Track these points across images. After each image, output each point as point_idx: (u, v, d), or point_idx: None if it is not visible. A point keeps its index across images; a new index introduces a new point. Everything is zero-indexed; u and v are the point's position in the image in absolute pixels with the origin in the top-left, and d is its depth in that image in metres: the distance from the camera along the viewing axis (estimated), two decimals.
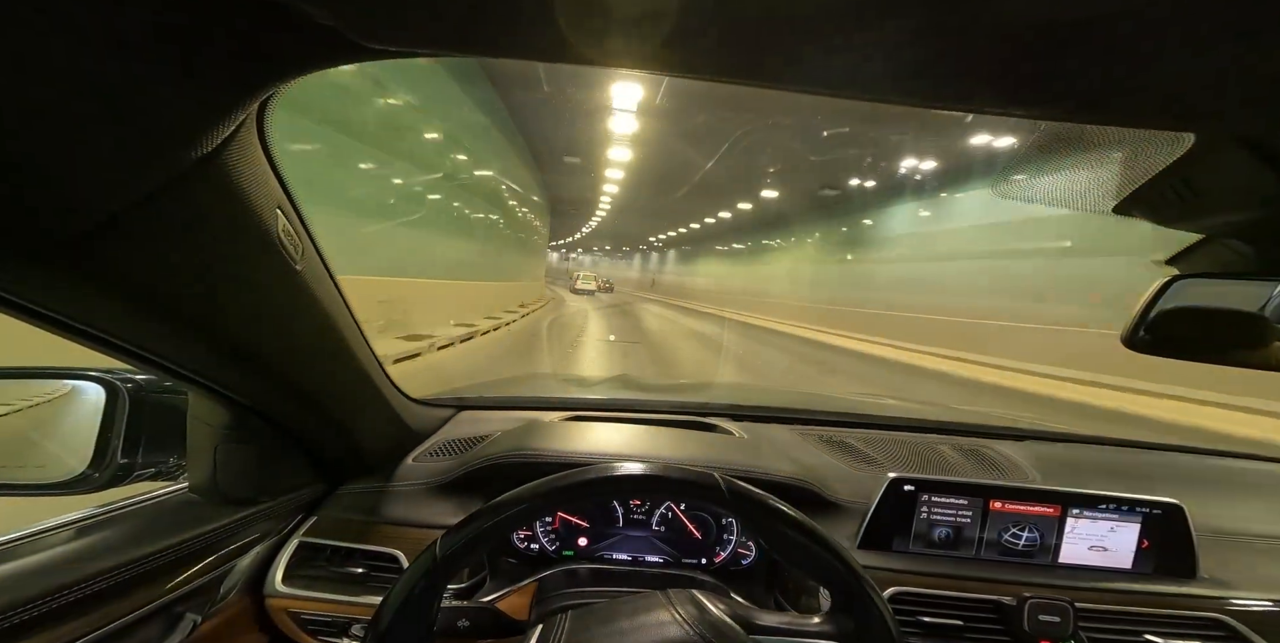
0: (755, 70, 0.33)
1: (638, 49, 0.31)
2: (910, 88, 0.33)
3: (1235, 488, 1.08)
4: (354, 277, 4.35)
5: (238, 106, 0.38)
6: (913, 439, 1.15)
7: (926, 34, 0.28)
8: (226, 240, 0.47)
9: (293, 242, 0.54)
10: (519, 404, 1.25)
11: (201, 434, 0.71)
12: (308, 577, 0.79)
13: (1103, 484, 0.84)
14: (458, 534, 0.52)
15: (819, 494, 0.89)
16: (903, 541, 0.83)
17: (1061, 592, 0.74)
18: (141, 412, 0.71)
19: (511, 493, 0.54)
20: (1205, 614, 0.74)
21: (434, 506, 0.88)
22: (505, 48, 0.34)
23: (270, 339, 0.60)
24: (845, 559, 0.53)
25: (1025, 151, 0.55)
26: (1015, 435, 1.21)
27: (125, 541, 0.61)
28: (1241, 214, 0.44)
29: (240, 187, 0.45)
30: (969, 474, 0.96)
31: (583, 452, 0.91)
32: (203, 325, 0.52)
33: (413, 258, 7.80)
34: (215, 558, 0.70)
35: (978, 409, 1.29)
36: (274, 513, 0.79)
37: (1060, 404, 6.31)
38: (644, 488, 0.61)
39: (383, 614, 0.49)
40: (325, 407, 0.75)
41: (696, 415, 1.18)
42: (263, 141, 0.47)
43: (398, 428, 0.95)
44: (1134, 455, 1.22)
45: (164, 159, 0.37)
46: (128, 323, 0.49)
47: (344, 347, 0.70)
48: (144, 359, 0.54)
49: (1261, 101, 0.31)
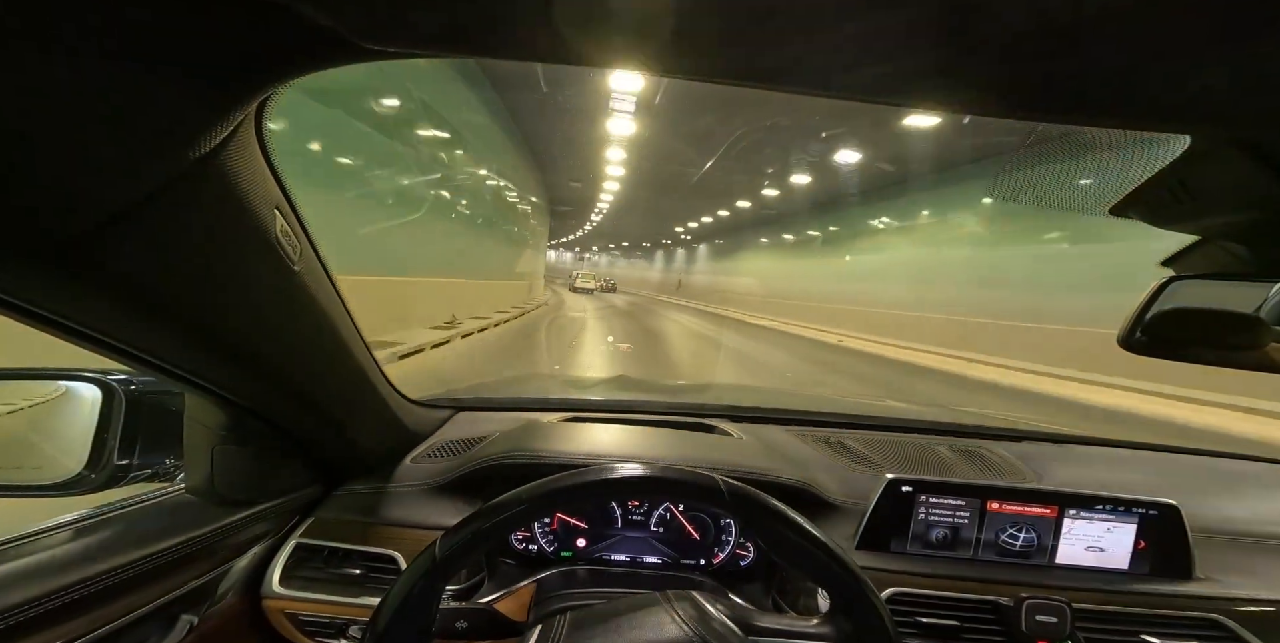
0: (753, 71, 0.33)
1: (635, 50, 0.31)
2: (907, 90, 0.33)
3: (1232, 488, 1.09)
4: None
5: (236, 107, 0.38)
6: (911, 440, 1.15)
7: (924, 37, 0.28)
8: (224, 241, 0.47)
9: (291, 242, 0.54)
10: (517, 405, 1.25)
11: (198, 435, 0.71)
12: (305, 578, 0.78)
13: (1099, 485, 0.85)
14: (457, 535, 0.52)
15: (817, 495, 0.89)
16: (900, 541, 0.83)
17: (1058, 592, 0.74)
18: (138, 413, 0.71)
19: (510, 494, 0.54)
20: (1201, 615, 0.75)
21: (432, 507, 0.88)
22: (504, 49, 0.34)
23: (268, 340, 0.59)
24: (844, 561, 0.53)
25: (1021, 153, 0.55)
26: (1012, 436, 1.22)
27: (122, 542, 0.61)
28: (1237, 216, 0.44)
29: (239, 187, 0.45)
30: (966, 475, 0.97)
31: (581, 453, 0.91)
32: (200, 326, 0.52)
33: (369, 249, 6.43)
34: (212, 559, 0.70)
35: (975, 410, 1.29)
36: (271, 514, 0.79)
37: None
38: (643, 489, 0.61)
39: (381, 615, 0.49)
40: (323, 407, 0.75)
41: (695, 417, 1.19)
42: (261, 142, 0.47)
43: (395, 429, 0.95)
44: (1131, 456, 1.22)
45: (162, 159, 0.37)
46: (125, 324, 0.49)
47: (342, 347, 0.70)
48: (141, 360, 0.54)
49: (1258, 105, 0.31)
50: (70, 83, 0.30)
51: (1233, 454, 1.28)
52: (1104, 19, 0.25)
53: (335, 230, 5.71)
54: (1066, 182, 0.55)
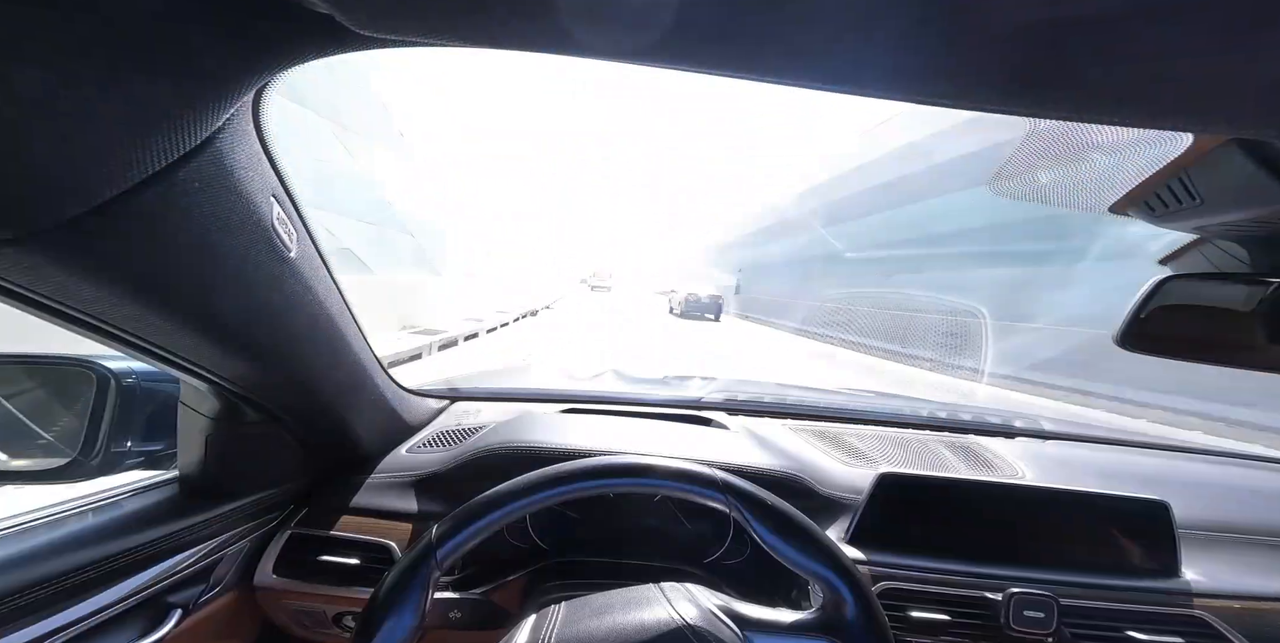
0: (756, 65, 0.33)
1: (636, 41, 0.31)
2: (910, 85, 0.33)
3: (1222, 488, 1.10)
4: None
5: (233, 95, 0.38)
6: (906, 436, 1.15)
7: (928, 30, 0.27)
8: (220, 228, 0.46)
9: (288, 230, 0.54)
10: (514, 396, 1.25)
11: (193, 423, 0.71)
12: (299, 567, 0.79)
13: (1091, 482, 0.85)
14: (454, 523, 0.52)
15: (811, 489, 0.89)
16: (892, 536, 0.83)
17: (1046, 588, 0.75)
18: (132, 400, 0.71)
19: (509, 484, 0.54)
20: (1185, 611, 0.76)
21: (427, 497, 0.88)
22: (504, 39, 0.33)
23: (263, 328, 0.59)
24: (839, 558, 0.53)
25: (1022, 150, 0.55)
26: (1007, 433, 1.22)
27: (114, 529, 0.61)
28: (1235, 215, 0.44)
29: (234, 174, 0.44)
30: (960, 471, 0.97)
31: (578, 444, 0.91)
32: (195, 313, 0.52)
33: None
34: (205, 548, 0.70)
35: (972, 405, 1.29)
36: (265, 503, 0.79)
37: None
38: (640, 481, 0.60)
39: (375, 604, 0.50)
40: (318, 396, 0.75)
41: (692, 409, 1.19)
42: (258, 129, 0.46)
43: (391, 419, 0.95)
44: (1123, 454, 1.23)
45: (156, 146, 0.37)
46: (119, 310, 0.48)
47: (338, 336, 0.69)
48: (135, 346, 0.53)
49: (1260, 105, 0.31)
50: (64, 68, 0.29)
51: (1225, 453, 1.29)
52: (1108, 16, 0.25)
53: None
54: (1066, 178, 0.55)
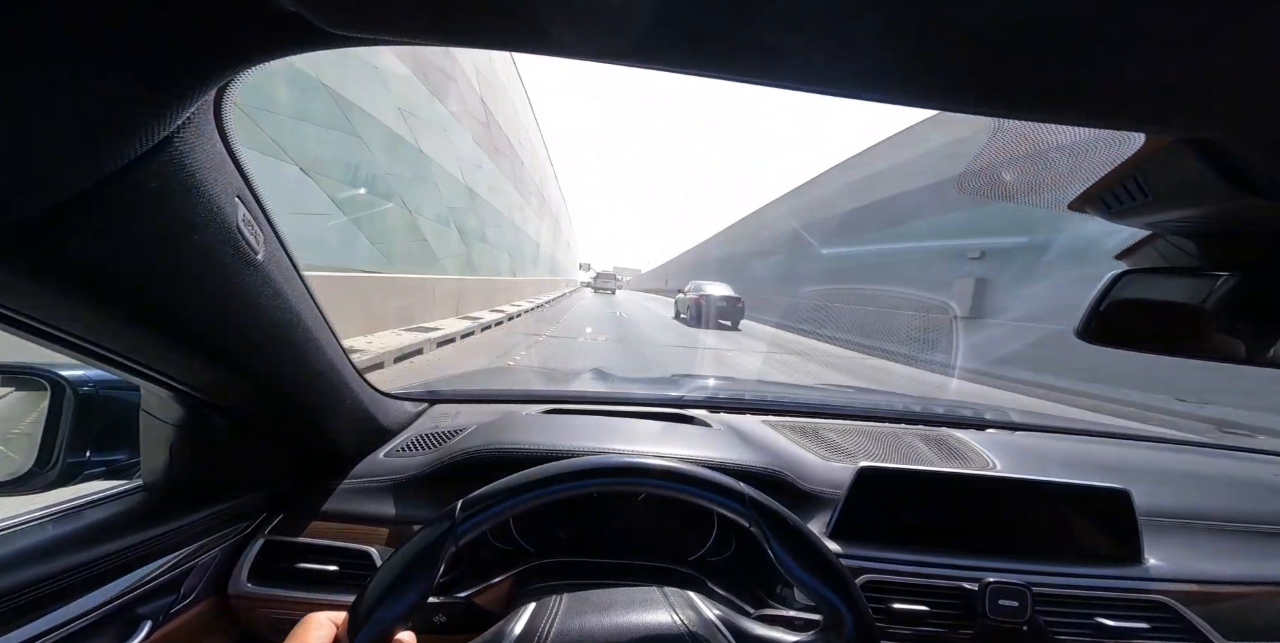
0: (733, 65, 0.33)
1: (615, 40, 0.31)
2: (875, 85, 0.33)
3: (1183, 476, 1.14)
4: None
5: (195, 93, 0.36)
6: (883, 429, 1.18)
7: (892, 33, 0.28)
8: (180, 230, 0.45)
9: (253, 232, 0.52)
10: (494, 397, 1.24)
11: (156, 431, 0.69)
12: (276, 575, 0.77)
13: (1057, 472, 0.88)
14: (485, 498, 0.51)
15: (793, 484, 0.90)
16: (873, 529, 0.85)
17: (1020, 577, 0.78)
18: (90, 408, 0.68)
19: (536, 470, 0.53)
20: (1149, 597, 0.78)
21: (407, 501, 0.87)
22: (480, 37, 0.33)
23: (230, 333, 0.57)
24: (848, 586, 0.53)
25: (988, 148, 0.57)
26: (978, 425, 1.26)
27: (76, 541, 0.59)
28: (1186, 211, 0.46)
29: (196, 175, 0.43)
30: (935, 463, 0.99)
31: (563, 444, 0.90)
32: (156, 318, 0.50)
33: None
34: (174, 557, 0.68)
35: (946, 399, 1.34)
36: (236, 511, 0.77)
37: None
38: (672, 487, 0.58)
39: (390, 569, 0.48)
40: (290, 402, 0.73)
41: (673, 407, 1.19)
42: (221, 128, 0.45)
43: (367, 423, 0.93)
44: (1087, 444, 1.27)
45: (112, 146, 0.35)
46: (75, 316, 0.47)
47: (309, 339, 0.68)
48: (93, 354, 0.51)
49: (1205, 106, 0.32)
50: (18, 63, 0.28)
51: (1187, 441, 1.35)
52: (1067, 19, 0.26)
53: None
54: (1029, 177, 0.57)
